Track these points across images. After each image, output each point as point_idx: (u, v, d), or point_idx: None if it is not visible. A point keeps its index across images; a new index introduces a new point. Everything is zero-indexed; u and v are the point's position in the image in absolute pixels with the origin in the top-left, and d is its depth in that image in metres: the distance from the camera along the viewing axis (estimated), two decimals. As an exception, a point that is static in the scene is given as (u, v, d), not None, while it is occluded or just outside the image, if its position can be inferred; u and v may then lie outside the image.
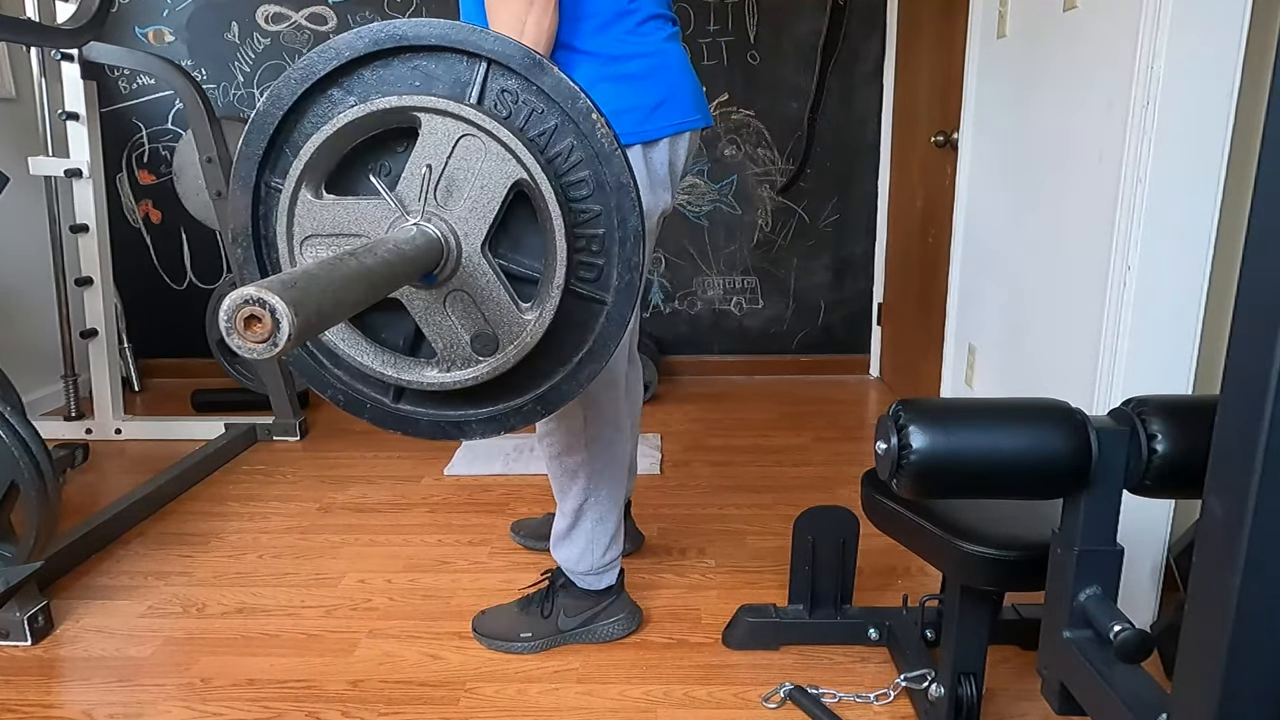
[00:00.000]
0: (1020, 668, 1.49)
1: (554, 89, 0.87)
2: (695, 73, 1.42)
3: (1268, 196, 0.64)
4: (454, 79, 0.87)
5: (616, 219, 0.89)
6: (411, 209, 0.85)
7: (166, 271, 3.48)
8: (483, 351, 0.92)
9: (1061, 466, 0.92)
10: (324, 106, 0.89)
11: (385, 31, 0.86)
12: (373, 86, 0.88)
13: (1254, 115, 1.41)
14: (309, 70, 0.87)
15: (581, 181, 0.89)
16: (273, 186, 0.91)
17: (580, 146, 0.88)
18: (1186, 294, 1.43)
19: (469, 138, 0.83)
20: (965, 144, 2.29)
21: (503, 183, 0.84)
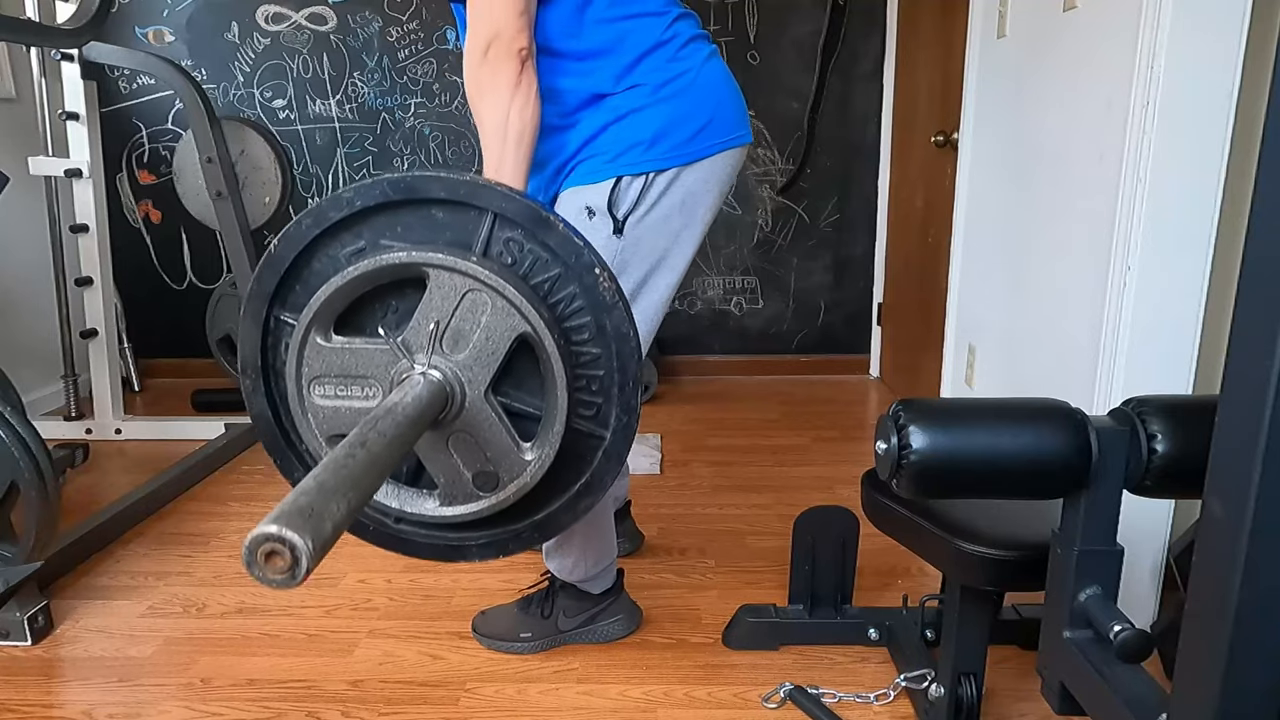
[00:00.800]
0: (1020, 668, 1.49)
1: (558, 245, 0.89)
2: (739, 89, 1.45)
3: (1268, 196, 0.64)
4: (461, 227, 0.89)
5: (617, 364, 0.92)
6: (417, 356, 0.88)
7: (166, 271, 3.48)
8: (484, 488, 0.94)
9: (1061, 466, 0.92)
10: (334, 247, 0.92)
11: (396, 185, 0.88)
12: (381, 230, 0.90)
13: (1254, 115, 1.41)
14: (321, 217, 0.89)
15: (584, 326, 0.92)
16: (282, 320, 0.94)
17: (583, 295, 0.91)
18: (1186, 294, 1.43)
19: (475, 292, 0.86)
20: (965, 144, 2.29)
21: (507, 335, 0.87)
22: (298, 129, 3.33)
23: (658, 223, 1.39)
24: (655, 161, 1.35)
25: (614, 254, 1.37)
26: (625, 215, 1.36)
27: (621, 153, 1.35)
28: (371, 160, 3.35)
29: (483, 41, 1.25)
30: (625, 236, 1.37)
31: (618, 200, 1.36)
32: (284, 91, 3.30)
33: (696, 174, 1.38)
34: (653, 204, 1.37)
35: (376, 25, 3.23)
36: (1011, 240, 2.01)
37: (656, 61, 1.36)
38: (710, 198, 1.42)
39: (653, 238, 1.39)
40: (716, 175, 1.41)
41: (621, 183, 1.35)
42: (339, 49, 3.25)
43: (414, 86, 3.28)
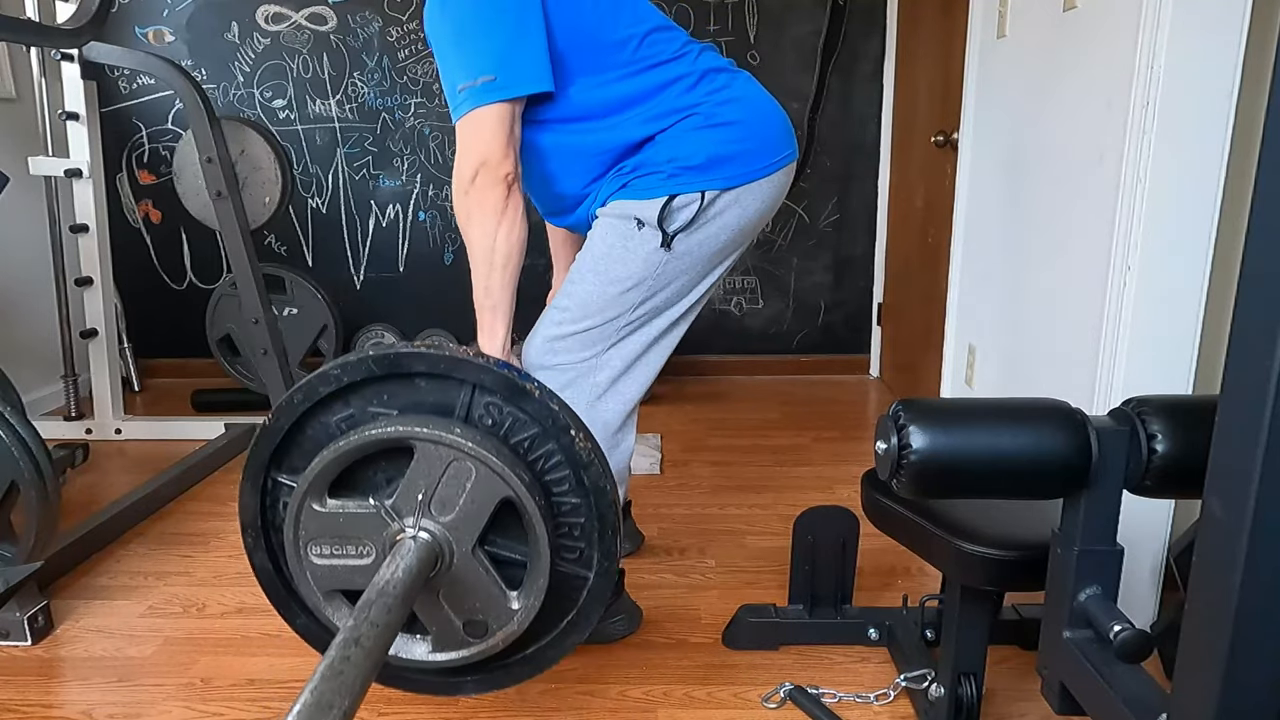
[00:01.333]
0: (1020, 668, 1.49)
1: (535, 410, 0.96)
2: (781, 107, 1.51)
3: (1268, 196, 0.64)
4: (444, 394, 0.96)
5: (596, 514, 0.98)
6: (407, 519, 0.93)
7: (166, 271, 3.48)
8: (473, 635, 1.00)
9: (1061, 466, 0.92)
10: (325, 415, 0.98)
11: (381, 362, 0.94)
12: (370, 399, 0.96)
13: (1254, 115, 1.41)
14: (311, 393, 0.96)
15: (564, 479, 0.97)
16: (279, 481, 1.00)
17: (560, 452, 0.96)
18: (1186, 294, 1.43)
19: (458, 461, 0.91)
20: (965, 144, 2.29)
21: (491, 499, 0.92)
22: (298, 129, 3.33)
23: (707, 239, 1.44)
24: (710, 182, 1.41)
25: (659, 264, 1.42)
26: (676, 231, 1.41)
27: (675, 174, 1.40)
28: (371, 160, 3.35)
29: (470, 169, 1.31)
30: (673, 250, 1.42)
31: (669, 216, 1.40)
32: (284, 91, 3.30)
33: (749, 195, 1.44)
34: (705, 222, 1.42)
35: (376, 25, 3.23)
36: (1011, 240, 2.01)
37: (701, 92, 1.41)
38: (760, 217, 1.49)
39: (700, 253, 1.45)
40: (767, 195, 1.47)
41: (675, 200, 1.40)
42: (339, 49, 3.25)
43: (414, 86, 3.28)
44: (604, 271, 1.42)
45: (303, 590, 1.00)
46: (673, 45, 1.44)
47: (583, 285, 1.43)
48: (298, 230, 3.44)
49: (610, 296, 1.42)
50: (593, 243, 1.45)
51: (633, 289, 1.42)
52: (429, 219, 3.41)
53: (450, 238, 3.43)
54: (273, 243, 3.44)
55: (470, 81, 1.30)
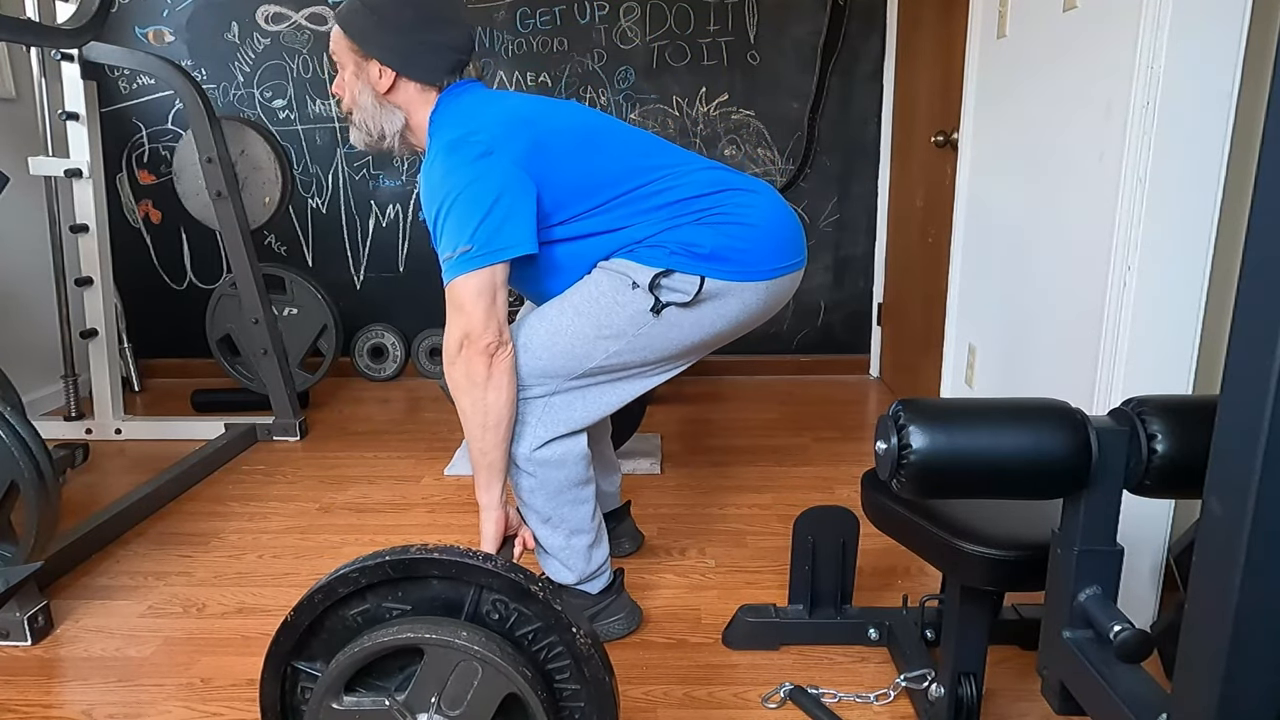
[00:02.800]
0: (1020, 668, 1.49)
1: (538, 611, 1.03)
2: (795, 217, 1.57)
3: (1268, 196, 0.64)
4: (454, 591, 1.05)
5: (597, 704, 1.04)
6: (420, 716, 1.01)
7: (166, 271, 3.48)
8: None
9: (1061, 466, 0.92)
10: (343, 610, 1.06)
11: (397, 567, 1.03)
12: (385, 595, 1.05)
13: (1254, 115, 1.41)
14: (331, 593, 1.03)
15: (565, 667, 1.05)
16: (299, 669, 1.08)
17: (562, 644, 1.04)
18: (1186, 294, 1.43)
19: (465, 662, 0.99)
20: (965, 144, 2.29)
21: (496, 695, 1.00)
22: (298, 129, 3.33)
23: (701, 320, 1.47)
24: (711, 271, 1.44)
25: (644, 325, 1.44)
26: (669, 303, 1.43)
27: (679, 253, 1.43)
28: (371, 160, 3.35)
29: (456, 340, 1.37)
30: (661, 317, 1.44)
31: (663, 287, 1.43)
32: (284, 91, 3.30)
33: (751, 292, 1.48)
34: (701, 303, 1.45)
35: (376, 25, 3.22)
36: (1011, 240, 2.01)
37: (711, 200, 1.46)
38: (757, 316, 1.53)
39: (688, 330, 1.47)
40: (768, 296, 1.51)
41: (675, 275, 1.43)
42: (339, 49, 3.24)
43: (414, 86, 3.28)
44: (589, 313, 1.43)
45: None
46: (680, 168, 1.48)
47: (562, 318, 1.44)
48: (298, 230, 3.44)
49: (588, 339, 1.43)
50: (586, 284, 1.46)
51: (611, 339, 1.44)
52: (429, 219, 3.41)
53: (450, 238, 3.43)
54: (273, 243, 3.44)
55: (451, 252, 1.35)
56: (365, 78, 1.48)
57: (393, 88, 1.48)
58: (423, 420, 2.98)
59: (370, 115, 1.51)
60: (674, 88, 3.26)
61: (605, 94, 3.27)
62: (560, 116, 1.49)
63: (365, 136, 1.54)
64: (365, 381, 3.48)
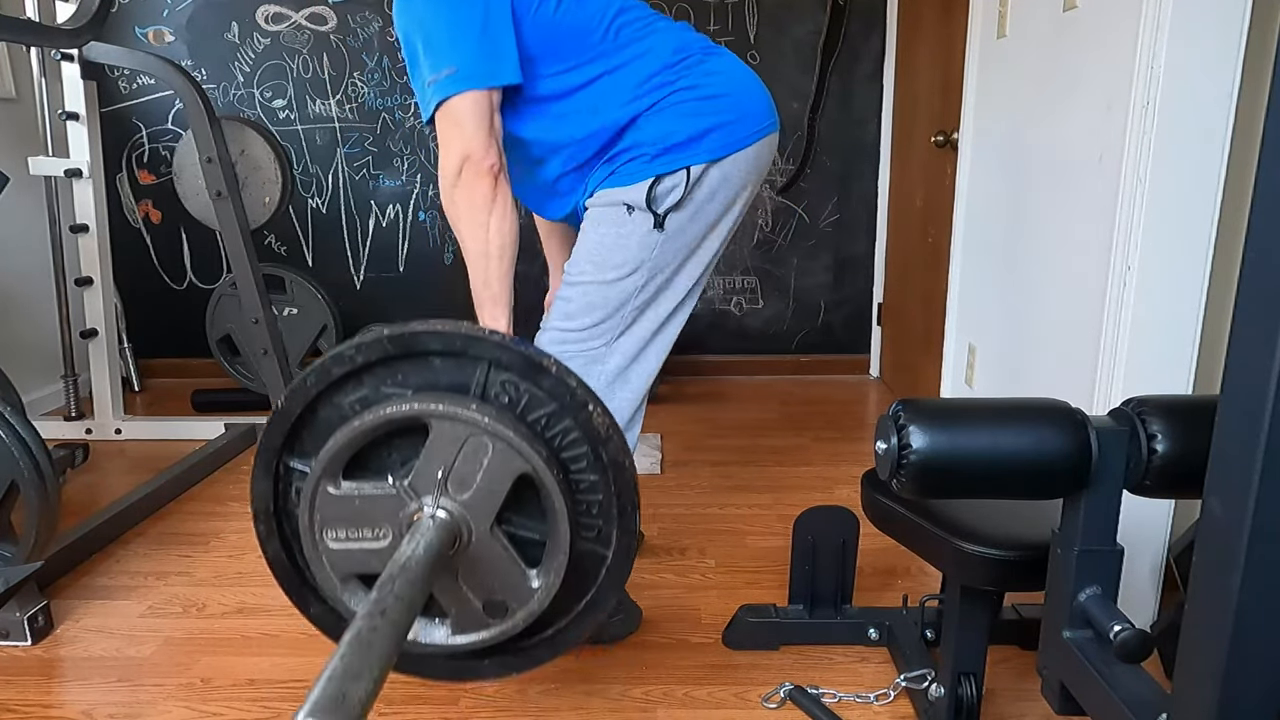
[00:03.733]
0: (1020, 668, 1.49)
1: (552, 386, 0.94)
2: (759, 80, 1.52)
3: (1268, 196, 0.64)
4: (459, 372, 0.94)
5: (615, 490, 0.97)
6: (425, 498, 0.92)
7: (166, 271, 3.48)
8: (493, 616, 0.98)
9: (1061, 466, 0.92)
10: (339, 396, 0.96)
11: (395, 341, 0.93)
12: (383, 379, 0.95)
13: (1254, 115, 1.41)
14: (324, 374, 0.94)
15: (582, 455, 0.96)
16: (292, 467, 0.99)
17: (578, 428, 0.95)
18: (1186, 294, 1.43)
19: (475, 437, 0.90)
20: (965, 144, 2.29)
21: (509, 475, 0.91)
22: (298, 129, 3.33)
23: (698, 214, 1.45)
24: (693, 157, 1.42)
25: (655, 246, 1.43)
26: (667, 210, 1.42)
27: (659, 154, 1.41)
28: (371, 160, 3.35)
29: (455, 164, 1.31)
30: (666, 230, 1.43)
31: (657, 197, 1.42)
32: (284, 91, 3.30)
33: (733, 165, 1.45)
34: (694, 198, 1.43)
35: (376, 25, 3.23)
36: (1011, 240, 2.01)
37: (679, 70, 1.42)
38: (746, 187, 1.49)
39: (693, 229, 1.46)
40: (750, 165, 1.47)
41: (662, 181, 1.41)
42: (339, 49, 3.25)
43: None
44: (602, 262, 1.43)
45: (318, 577, 0.98)
46: (644, 24, 1.45)
47: (582, 279, 1.44)
48: (298, 230, 3.44)
49: (612, 286, 1.43)
50: (586, 235, 1.46)
51: (632, 274, 1.43)
52: (429, 219, 3.41)
53: (450, 237, 3.43)
54: (273, 243, 3.44)
55: (435, 75, 1.30)
56: None
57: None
58: (423, 420, 2.98)
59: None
60: (674, 88, 3.25)
61: (605, 94, 3.26)
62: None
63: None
64: (365, 381, 3.48)
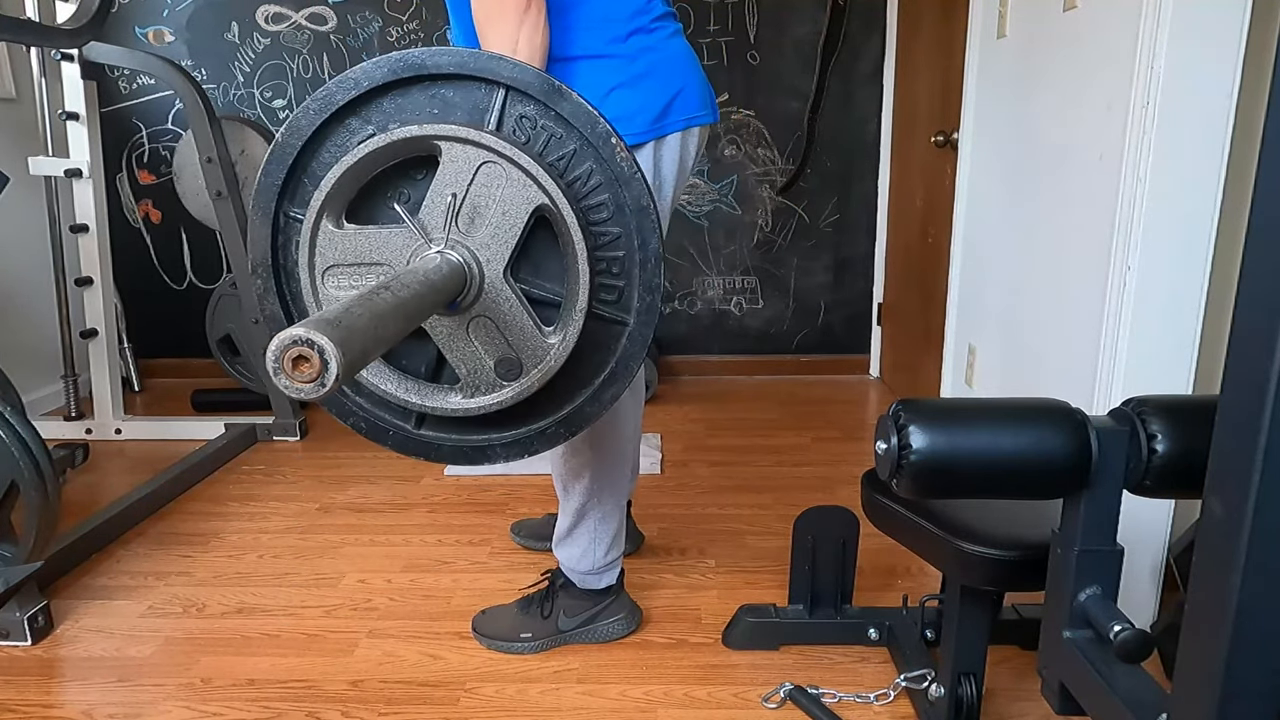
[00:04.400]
0: (1020, 668, 1.49)
1: (572, 114, 0.87)
2: (702, 69, 1.44)
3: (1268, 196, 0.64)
4: (472, 105, 0.87)
5: (637, 241, 0.90)
6: (434, 236, 0.85)
7: (166, 271, 3.48)
8: (507, 376, 0.92)
9: (1061, 466, 0.92)
10: (342, 135, 0.89)
11: (403, 61, 0.86)
12: (391, 115, 0.88)
13: (1254, 115, 1.41)
14: (327, 100, 0.87)
15: (601, 205, 0.89)
16: (292, 216, 0.91)
17: (599, 170, 0.88)
18: (1186, 294, 1.43)
19: (489, 165, 0.84)
20: (965, 144, 2.29)
21: (524, 208, 0.84)
22: (298, 129, 3.33)
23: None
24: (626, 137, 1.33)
25: None
26: None
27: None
28: (371, 160, 3.35)
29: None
30: None
31: None
32: (284, 91, 3.30)
33: (663, 150, 1.36)
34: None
35: (376, 25, 3.23)
36: (1011, 240, 2.01)
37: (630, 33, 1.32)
38: (674, 174, 1.40)
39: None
40: (680, 152, 1.38)
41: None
42: (339, 49, 3.25)
43: (414, 86, 3.27)
44: None
45: None
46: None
47: None
48: (298, 230, 3.43)
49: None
50: None
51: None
52: (429, 219, 3.41)
53: (450, 238, 3.43)
54: (273, 243, 3.44)
55: None
56: None
57: None
58: (423, 420, 2.98)
59: None
60: (674, 88, 3.25)
61: (605, 94, 3.26)
62: None
63: None
64: (365, 381, 3.48)
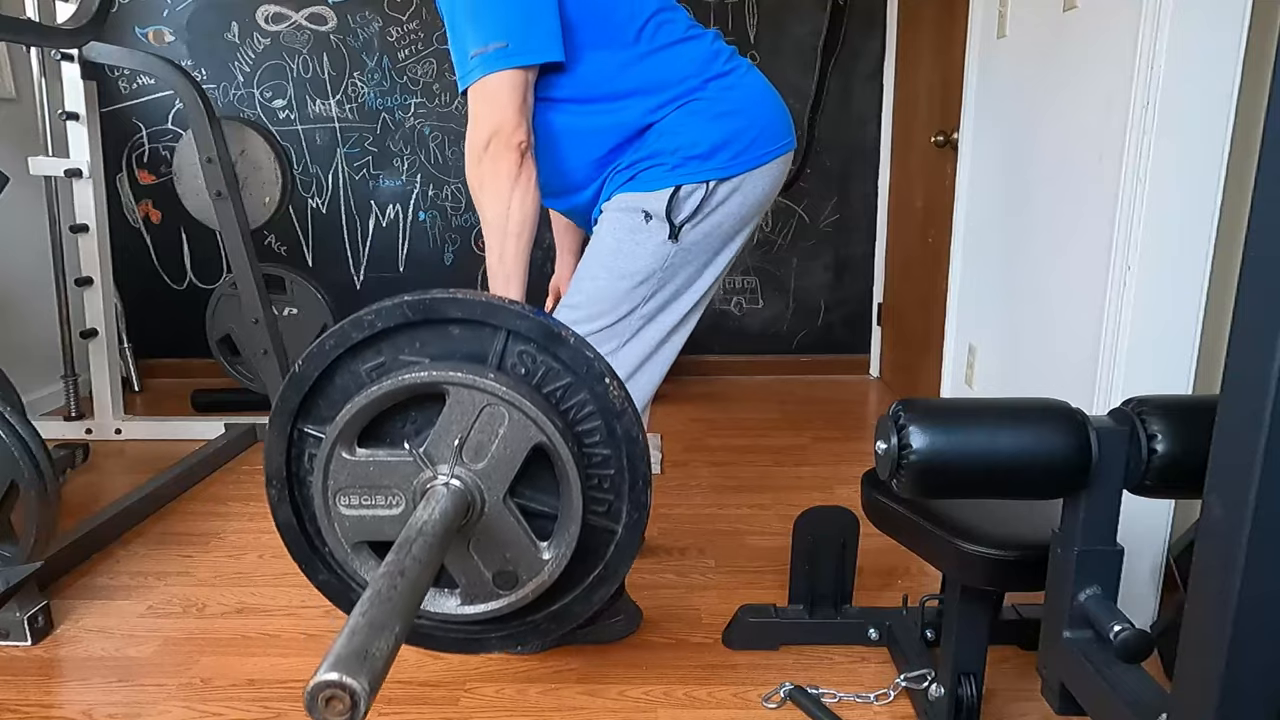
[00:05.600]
0: (1020, 668, 1.49)
1: (570, 358, 0.95)
2: (780, 96, 1.52)
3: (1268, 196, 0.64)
4: (477, 342, 0.95)
5: (627, 465, 0.97)
6: (440, 466, 0.93)
7: (166, 271, 3.48)
8: (503, 587, 0.99)
9: (1061, 466, 0.92)
10: (356, 364, 0.97)
11: (415, 308, 0.93)
12: (401, 346, 0.95)
13: (1254, 115, 1.41)
14: (343, 338, 0.94)
15: (595, 429, 0.97)
16: (306, 433, 0.98)
17: (593, 401, 0.96)
18: (1186, 294, 1.43)
19: (492, 406, 0.91)
20: (965, 144, 2.29)
21: (524, 445, 0.92)
22: (298, 129, 3.33)
23: (713, 229, 1.45)
24: (714, 171, 1.42)
25: (668, 256, 1.43)
26: (683, 222, 1.41)
27: (680, 164, 1.41)
28: (371, 160, 3.35)
29: (484, 136, 1.31)
30: (681, 242, 1.42)
31: (676, 207, 1.41)
32: (284, 91, 3.30)
33: (752, 181, 1.45)
34: (710, 211, 1.43)
35: (376, 25, 3.23)
36: (1011, 240, 2.01)
37: (705, 79, 1.42)
38: (762, 204, 1.50)
39: (706, 243, 1.45)
40: (768, 181, 1.48)
41: (681, 191, 1.41)
42: (339, 49, 3.25)
43: (414, 86, 3.28)
44: (613, 266, 1.42)
45: (329, 543, 0.99)
46: (679, 28, 1.44)
47: (594, 282, 1.43)
48: (298, 230, 3.44)
49: (622, 292, 1.42)
50: (600, 238, 1.46)
51: (643, 283, 1.43)
52: (429, 219, 3.41)
53: (450, 238, 3.43)
54: (273, 243, 3.44)
55: (482, 48, 1.29)
56: None
57: None
58: (423, 420, 2.98)
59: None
60: (674, 88, 3.25)
61: (605, 94, 3.26)
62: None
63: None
64: (365, 381, 3.48)
